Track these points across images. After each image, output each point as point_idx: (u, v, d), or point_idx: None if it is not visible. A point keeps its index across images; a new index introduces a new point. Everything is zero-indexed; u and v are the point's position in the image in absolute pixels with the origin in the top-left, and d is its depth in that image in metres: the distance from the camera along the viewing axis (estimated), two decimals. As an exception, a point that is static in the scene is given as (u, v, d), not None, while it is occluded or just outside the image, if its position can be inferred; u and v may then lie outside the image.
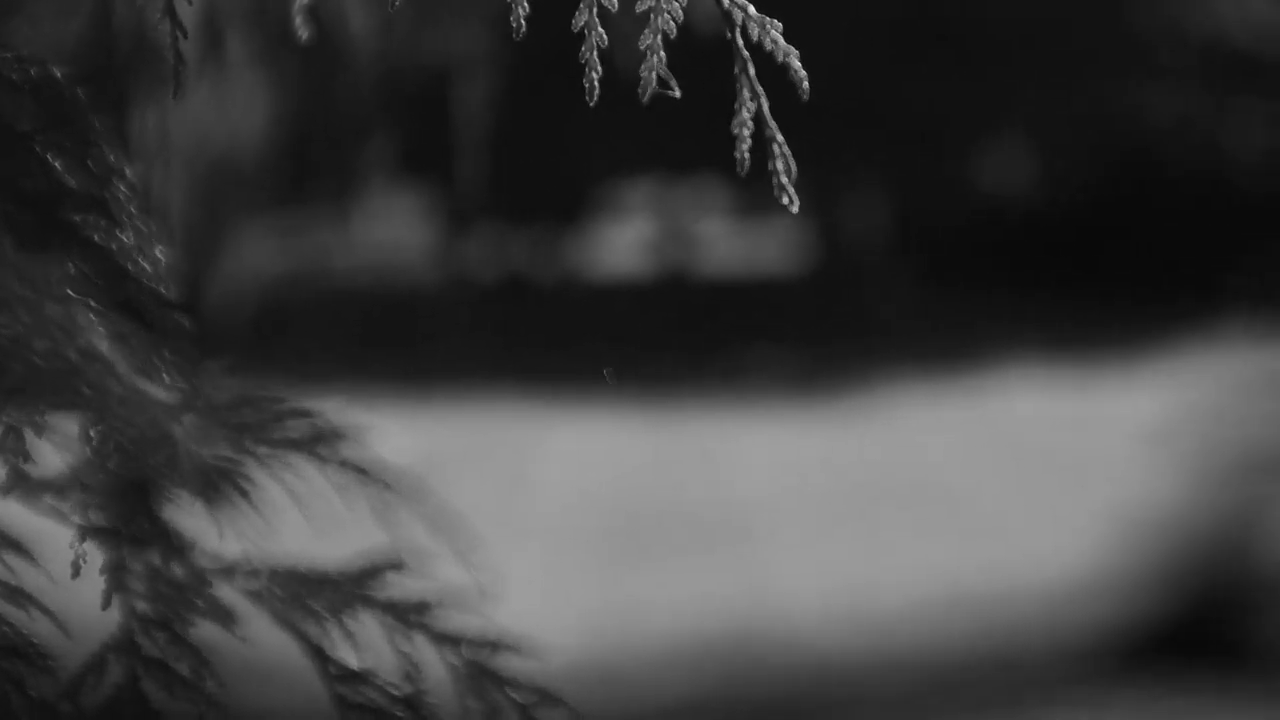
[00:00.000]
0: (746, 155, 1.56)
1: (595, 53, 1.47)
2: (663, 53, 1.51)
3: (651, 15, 1.50)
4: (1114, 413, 16.63)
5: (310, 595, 1.60)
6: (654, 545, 10.35)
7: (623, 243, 40.31)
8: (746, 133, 1.52)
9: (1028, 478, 12.99)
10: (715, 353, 23.18)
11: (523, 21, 1.52)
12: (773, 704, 7.93)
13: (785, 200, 1.57)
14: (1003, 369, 20.32)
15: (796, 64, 1.52)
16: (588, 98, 1.56)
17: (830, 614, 8.68)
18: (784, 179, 1.54)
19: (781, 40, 1.53)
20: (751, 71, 1.49)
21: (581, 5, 1.53)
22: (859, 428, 15.98)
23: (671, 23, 1.50)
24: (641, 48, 1.52)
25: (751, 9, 1.48)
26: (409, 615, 1.54)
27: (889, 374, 20.09)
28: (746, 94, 1.49)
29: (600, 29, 1.43)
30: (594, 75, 1.59)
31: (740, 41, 1.45)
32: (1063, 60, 22.70)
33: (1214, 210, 24.46)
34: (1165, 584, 9.42)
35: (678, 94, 1.53)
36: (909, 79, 22.00)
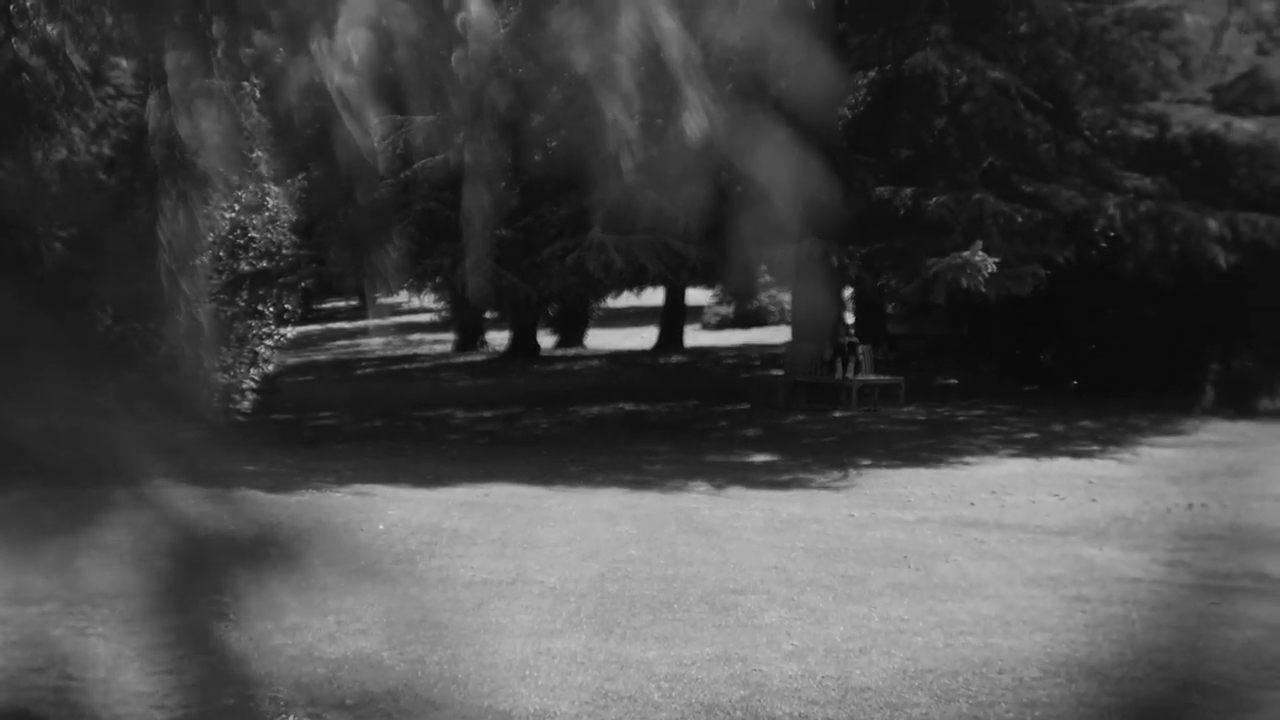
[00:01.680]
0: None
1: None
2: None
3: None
4: (1066, 487, 16.60)
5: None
6: (641, 607, 10.28)
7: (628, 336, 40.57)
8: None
9: (990, 547, 12.93)
10: (704, 425, 23.17)
11: None
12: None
13: None
14: (966, 445, 20.32)
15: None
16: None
17: (810, 683, 8.58)
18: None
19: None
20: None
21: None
22: (838, 498, 15.94)
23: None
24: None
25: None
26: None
27: (861, 449, 20.08)
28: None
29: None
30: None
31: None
32: (1019, 164, 22.80)
33: (1164, 305, 24.55)
34: (1120, 650, 9.34)
35: None
36: (873, 182, 22.10)
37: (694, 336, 40.91)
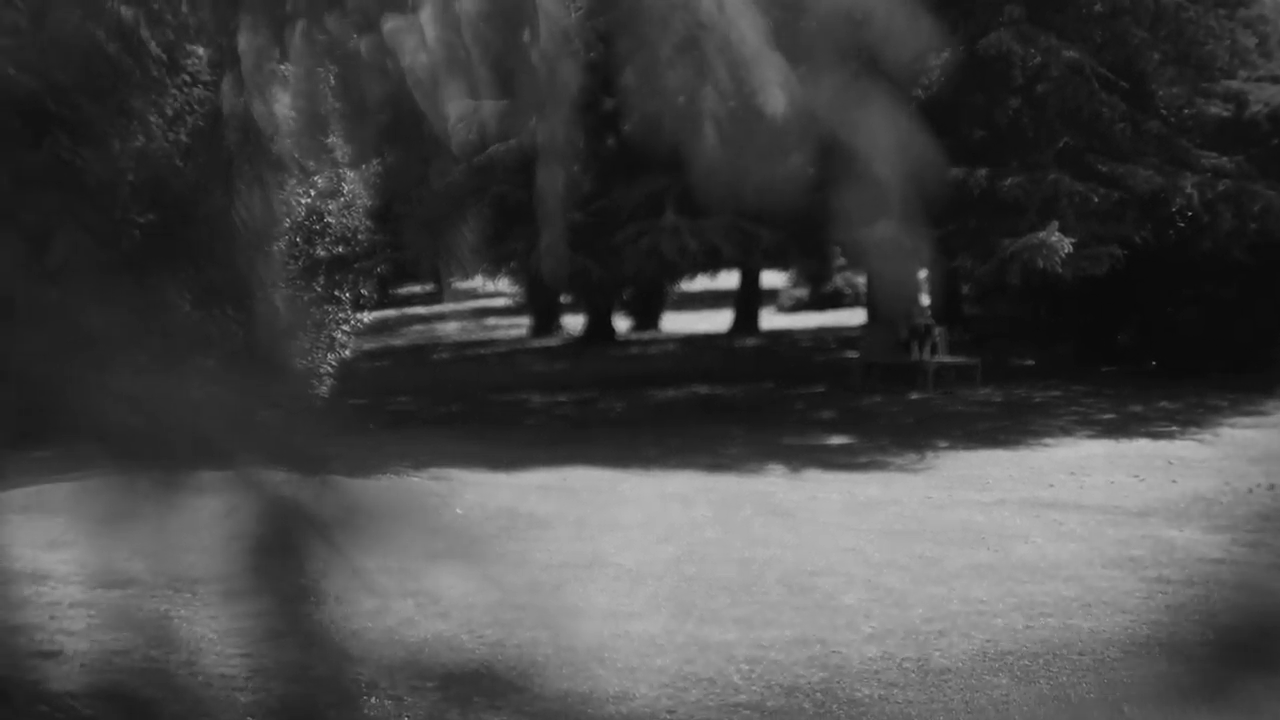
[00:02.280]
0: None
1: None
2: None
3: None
4: (1145, 468, 16.41)
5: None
6: (719, 590, 10.23)
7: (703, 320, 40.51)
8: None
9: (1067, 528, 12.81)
10: (779, 408, 23.09)
11: None
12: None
13: None
14: (1043, 426, 20.15)
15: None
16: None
17: (889, 665, 8.51)
18: None
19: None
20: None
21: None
22: (915, 479, 15.83)
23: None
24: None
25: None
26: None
27: (938, 430, 19.95)
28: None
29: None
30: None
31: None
32: (1094, 144, 22.58)
33: (1243, 284, 24.24)
34: (1201, 631, 9.23)
35: None
36: (947, 163, 21.92)
37: (769, 319, 40.79)
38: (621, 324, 40.43)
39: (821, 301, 43.32)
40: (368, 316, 22.89)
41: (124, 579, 10.14)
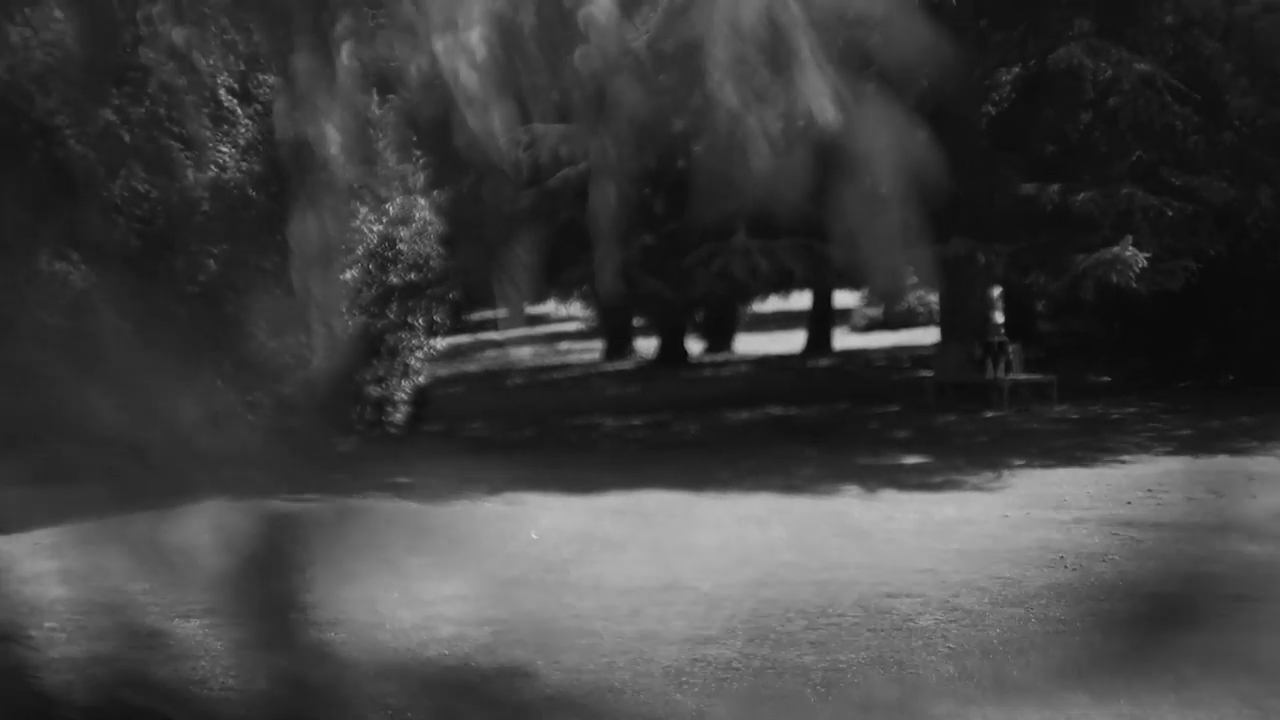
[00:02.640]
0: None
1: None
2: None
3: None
4: (1224, 484, 16.25)
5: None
6: (795, 613, 10.19)
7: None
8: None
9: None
10: (853, 428, 23.02)
11: None
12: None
13: None
14: (1120, 443, 20.01)
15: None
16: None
17: (968, 685, 8.46)
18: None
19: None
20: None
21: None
22: (991, 499, 15.73)
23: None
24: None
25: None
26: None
27: (1014, 449, 19.83)
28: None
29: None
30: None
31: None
32: (1167, 157, 22.44)
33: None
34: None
35: None
36: (1018, 179, 21.88)
37: (842, 339, 40.73)
38: (694, 346, 40.45)
39: (895, 321, 43.24)
40: (441, 342, 23.01)
41: (201, 610, 10.20)
